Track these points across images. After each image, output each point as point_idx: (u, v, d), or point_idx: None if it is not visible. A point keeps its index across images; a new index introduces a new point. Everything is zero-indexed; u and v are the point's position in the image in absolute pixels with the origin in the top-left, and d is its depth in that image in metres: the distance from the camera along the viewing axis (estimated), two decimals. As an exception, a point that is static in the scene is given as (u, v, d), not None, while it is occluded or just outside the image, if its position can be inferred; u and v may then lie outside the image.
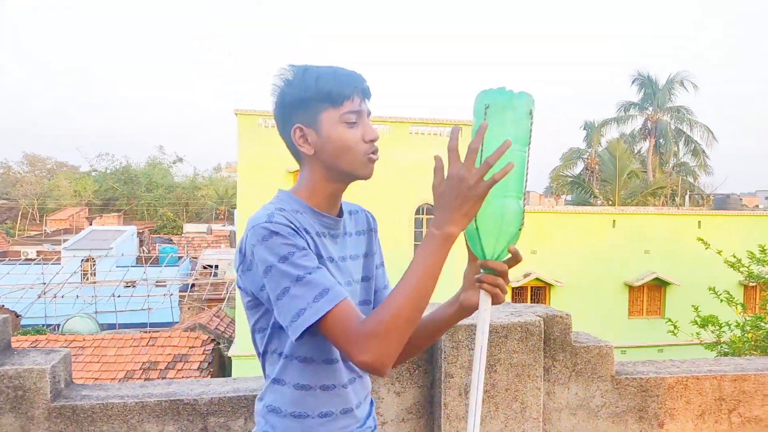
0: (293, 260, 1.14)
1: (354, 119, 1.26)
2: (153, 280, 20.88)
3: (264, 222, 1.17)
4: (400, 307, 1.11)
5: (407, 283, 1.13)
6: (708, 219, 19.83)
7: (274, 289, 1.15)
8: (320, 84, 1.24)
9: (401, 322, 1.11)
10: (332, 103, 1.25)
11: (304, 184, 1.31)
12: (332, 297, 1.13)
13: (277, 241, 1.15)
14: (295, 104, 1.26)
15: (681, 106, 35.50)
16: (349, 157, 1.26)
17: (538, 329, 2.24)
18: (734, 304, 7.52)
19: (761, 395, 2.50)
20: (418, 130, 17.73)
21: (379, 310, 1.12)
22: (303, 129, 1.27)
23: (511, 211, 1.18)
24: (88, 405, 2.02)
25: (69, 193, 45.79)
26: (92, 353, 13.36)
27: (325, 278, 1.15)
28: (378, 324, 1.10)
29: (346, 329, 1.11)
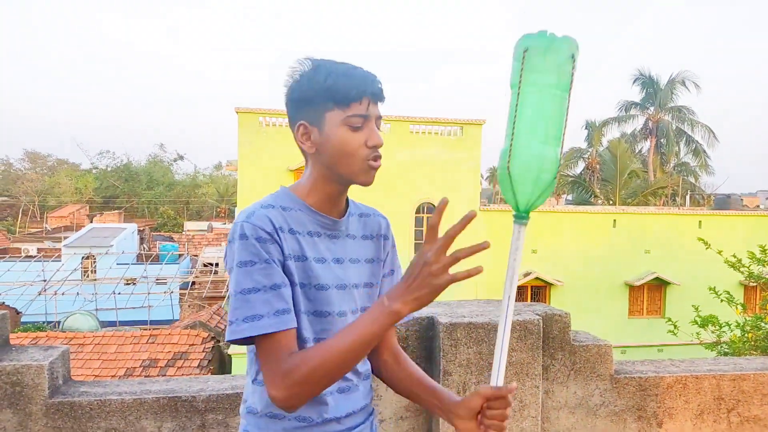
0: (249, 270, 1.14)
1: (359, 123, 1.22)
2: (153, 278, 20.88)
3: (242, 220, 1.18)
4: (326, 362, 1.10)
5: (341, 341, 1.12)
6: (709, 219, 19.81)
7: (230, 287, 1.17)
8: (328, 82, 1.21)
9: (320, 375, 1.11)
10: (338, 104, 1.21)
11: (305, 182, 1.30)
12: (263, 325, 1.13)
13: (243, 244, 1.16)
14: (302, 101, 1.24)
15: (682, 106, 35.47)
16: (348, 161, 1.23)
17: (537, 328, 2.24)
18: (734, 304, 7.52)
19: (760, 395, 2.50)
20: (418, 128, 17.72)
21: (305, 356, 1.12)
22: (307, 126, 1.25)
23: (548, 158, 1.12)
24: (86, 402, 2.02)
25: (70, 191, 45.79)
26: (92, 350, 13.36)
27: (272, 302, 1.14)
28: (298, 368, 1.11)
29: (268, 361, 1.13)
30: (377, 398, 2.23)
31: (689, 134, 35.31)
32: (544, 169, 1.12)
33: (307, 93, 1.23)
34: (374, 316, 1.11)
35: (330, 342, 1.13)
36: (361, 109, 1.22)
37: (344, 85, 1.21)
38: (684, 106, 35.54)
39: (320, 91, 1.21)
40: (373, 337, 1.10)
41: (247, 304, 1.13)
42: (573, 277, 18.75)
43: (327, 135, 1.23)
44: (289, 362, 1.12)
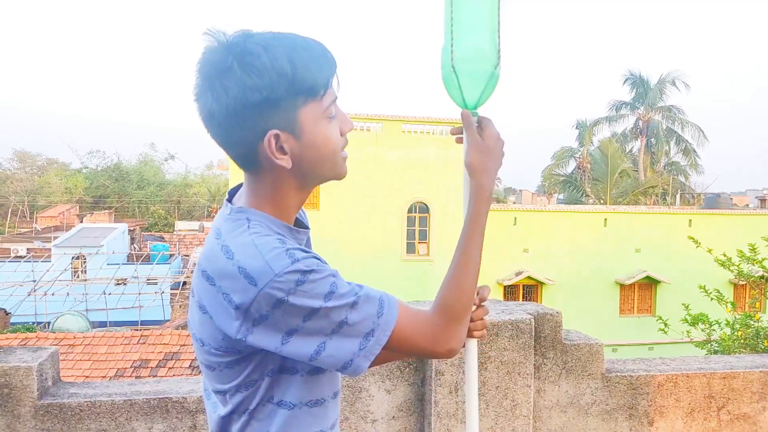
0: (338, 291, 0.95)
1: (335, 111, 1.03)
2: (144, 278, 20.78)
3: (289, 264, 0.92)
4: (473, 282, 1.08)
5: (473, 258, 1.10)
6: (699, 218, 19.97)
7: (326, 328, 0.95)
8: (298, 72, 0.95)
9: (473, 298, 1.09)
10: (313, 96, 0.98)
11: (269, 198, 1.05)
12: (390, 304, 1.00)
13: (314, 279, 0.93)
14: (266, 103, 0.95)
15: (672, 106, 35.72)
16: (331, 160, 1.04)
17: (528, 327, 2.24)
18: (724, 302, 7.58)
19: (750, 393, 2.51)
20: (410, 128, 17.74)
21: (452, 290, 1.06)
22: (280, 136, 0.97)
23: (488, 50, 1.15)
24: (76, 403, 2.00)
25: (60, 191, 45.48)
26: (83, 351, 13.27)
27: (369, 288, 1.00)
28: (456, 306, 1.05)
29: (421, 327, 1.02)
30: (369, 398, 2.23)
31: (679, 134, 35.57)
32: (486, 61, 1.15)
33: (273, 90, 0.94)
34: (486, 212, 1.16)
35: (463, 261, 1.09)
36: (333, 93, 1.02)
37: (313, 70, 0.96)
38: (674, 105, 35.80)
39: (288, 85, 0.94)
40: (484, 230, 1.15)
41: (365, 304, 0.97)
42: (564, 275, 18.84)
43: (309, 138, 1.00)
44: (438, 310, 1.05)
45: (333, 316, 0.95)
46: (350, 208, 17.03)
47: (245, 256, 0.94)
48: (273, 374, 1.02)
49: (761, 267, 7.54)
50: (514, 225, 18.71)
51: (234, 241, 0.97)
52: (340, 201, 16.99)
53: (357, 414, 2.23)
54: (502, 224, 18.41)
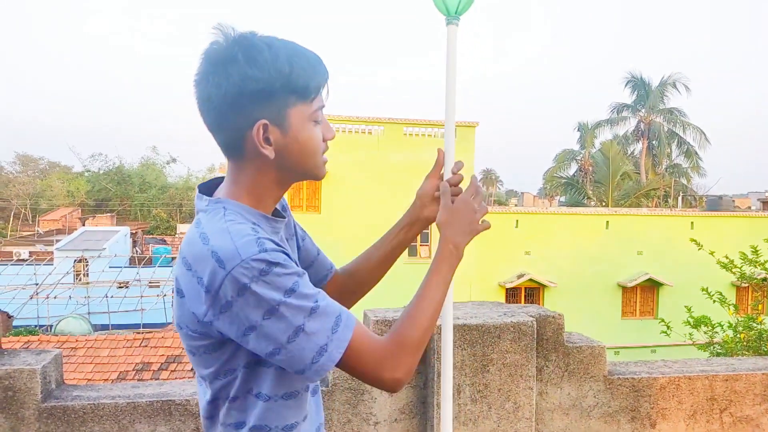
0: (300, 291, 0.99)
1: (320, 117, 1.11)
2: (146, 281, 20.81)
3: (257, 252, 0.97)
4: (429, 319, 1.11)
5: (431, 299, 1.13)
6: (701, 220, 19.94)
7: (283, 331, 0.98)
8: (295, 72, 1.03)
9: (428, 335, 1.11)
10: (302, 98, 1.05)
11: (248, 188, 1.10)
12: (347, 322, 1.02)
13: (278, 272, 0.97)
14: (261, 94, 1.02)
15: (674, 108, 35.71)
16: (312, 160, 1.11)
17: (530, 329, 2.25)
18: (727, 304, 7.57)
19: (752, 395, 2.51)
20: (412, 131, 17.75)
21: (406, 324, 1.08)
22: (268, 127, 1.05)
23: None
24: (79, 405, 2.01)
25: (62, 194, 45.57)
26: (85, 354, 13.29)
27: (332, 302, 1.03)
28: (409, 340, 1.07)
29: (372, 351, 1.04)
30: (371, 401, 2.23)
31: (681, 136, 35.55)
32: None
33: (270, 85, 1.02)
34: (449, 266, 1.19)
35: (422, 303, 1.12)
36: (321, 100, 1.10)
37: (311, 76, 1.05)
38: (675, 107, 35.80)
39: (285, 83, 1.02)
40: (450, 281, 1.19)
41: (323, 315, 1.00)
42: (566, 278, 18.81)
43: (294, 135, 1.07)
44: (394, 339, 1.06)
45: (291, 318, 0.97)
46: (352, 211, 17.04)
47: (218, 241, 0.99)
48: (249, 366, 1.06)
49: (763, 269, 7.54)
50: (516, 227, 18.70)
51: (210, 228, 1.03)
52: (341, 204, 17.01)
53: (359, 416, 2.23)
54: (503, 227, 18.41)
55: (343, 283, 1.40)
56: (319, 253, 1.38)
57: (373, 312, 2.31)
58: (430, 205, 1.36)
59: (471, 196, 1.25)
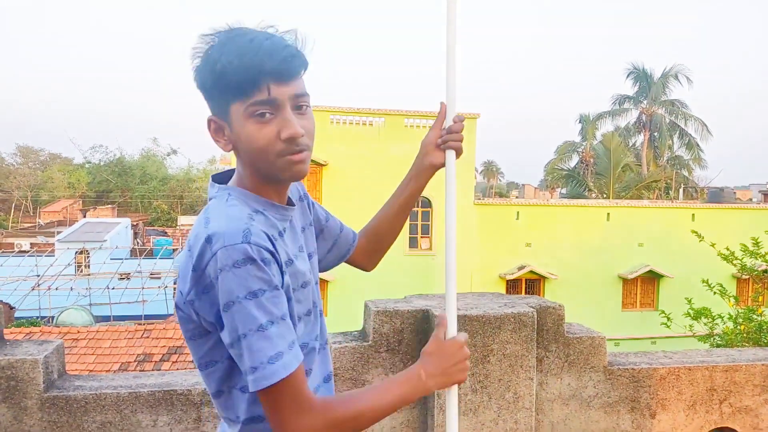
0: (261, 301, 0.97)
1: (265, 111, 1.04)
2: (147, 273, 20.85)
3: (240, 242, 0.97)
4: (362, 412, 1.05)
5: (379, 397, 1.08)
6: (702, 212, 19.92)
7: (231, 330, 0.98)
8: (219, 68, 1.02)
9: (355, 424, 1.05)
10: (237, 95, 1.03)
11: (247, 177, 1.12)
12: (288, 363, 0.99)
13: (250, 271, 0.97)
14: (204, 92, 1.07)
15: (675, 100, 35.59)
16: (264, 159, 1.06)
17: (531, 320, 2.25)
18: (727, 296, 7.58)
19: (752, 385, 2.52)
20: (413, 122, 17.71)
21: (344, 400, 1.06)
22: (217, 122, 1.08)
23: None
24: (81, 395, 2.02)
25: (62, 185, 45.56)
26: (87, 345, 13.33)
27: (285, 335, 1.00)
28: (336, 411, 1.03)
29: (295, 400, 1.00)
30: (372, 391, 2.24)
31: (682, 128, 35.45)
32: None
33: (204, 84, 1.05)
34: (412, 387, 1.12)
35: (367, 393, 1.08)
36: (261, 95, 1.03)
37: (236, 70, 1.01)
38: (677, 99, 35.67)
39: (215, 81, 1.03)
40: (403, 404, 1.12)
41: (269, 341, 0.97)
42: (567, 270, 18.82)
43: (236, 131, 1.06)
44: (323, 401, 1.04)
45: (242, 322, 0.97)
46: (352, 203, 17.03)
47: (214, 223, 1.02)
48: (231, 358, 1.05)
49: (764, 261, 7.54)
50: (517, 219, 18.70)
51: (213, 213, 1.06)
52: (342, 195, 16.99)
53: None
54: (504, 219, 18.41)
55: (366, 245, 1.45)
56: (342, 230, 1.42)
57: (374, 303, 2.31)
58: (433, 152, 1.37)
59: (462, 345, 1.20)
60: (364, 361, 2.20)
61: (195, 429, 2.08)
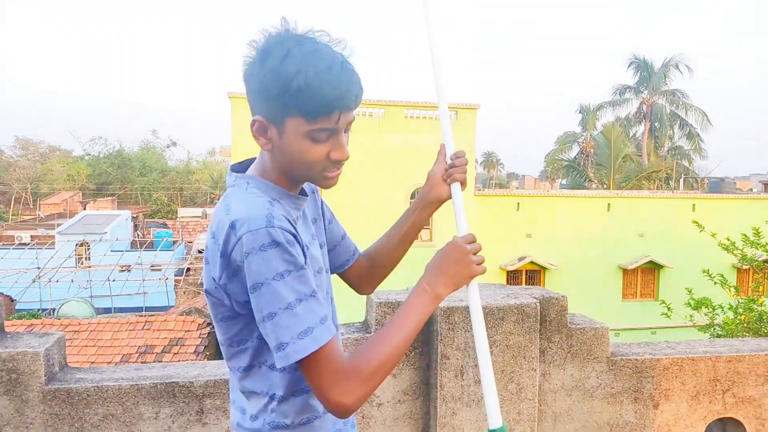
0: (289, 281, 1.03)
1: (324, 137, 1.09)
2: (148, 265, 20.84)
3: (265, 226, 1.03)
4: (389, 356, 1.09)
5: (397, 332, 1.11)
6: (702, 202, 19.90)
7: (260, 309, 1.04)
8: (296, 85, 1.03)
9: (386, 370, 1.09)
10: (303, 115, 1.06)
11: (268, 169, 1.18)
12: (318, 336, 1.04)
13: (276, 253, 1.02)
14: (261, 95, 1.08)
15: (676, 90, 35.46)
16: (304, 171, 1.14)
17: (534, 311, 2.24)
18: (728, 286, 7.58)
19: (755, 375, 2.51)
20: (413, 113, 17.65)
21: (367, 353, 1.08)
22: (264, 123, 1.10)
23: None
24: (83, 388, 2.01)
25: (62, 178, 45.48)
26: (88, 337, 13.35)
27: (316, 310, 1.05)
28: (366, 367, 1.07)
29: (331, 369, 1.05)
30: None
31: (683, 118, 35.35)
32: None
33: (270, 89, 1.06)
34: (422, 302, 1.15)
35: (386, 336, 1.10)
36: (329, 123, 1.08)
37: (314, 95, 1.04)
38: (678, 89, 35.54)
39: (284, 95, 1.04)
40: (422, 323, 1.14)
41: (296, 318, 1.03)
42: (568, 261, 18.83)
43: (286, 141, 1.10)
44: (351, 364, 1.07)
45: (271, 302, 1.02)
46: (352, 194, 17.01)
47: (236, 210, 1.07)
48: (261, 337, 1.12)
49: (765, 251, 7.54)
50: (517, 210, 18.68)
51: (233, 200, 1.12)
52: (341, 186, 16.96)
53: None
54: (505, 209, 18.39)
55: (366, 268, 1.47)
56: (343, 238, 1.44)
57: (376, 294, 2.30)
58: (440, 185, 1.39)
59: (458, 242, 1.20)
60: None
61: (197, 421, 2.08)
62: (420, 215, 1.42)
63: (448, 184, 1.38)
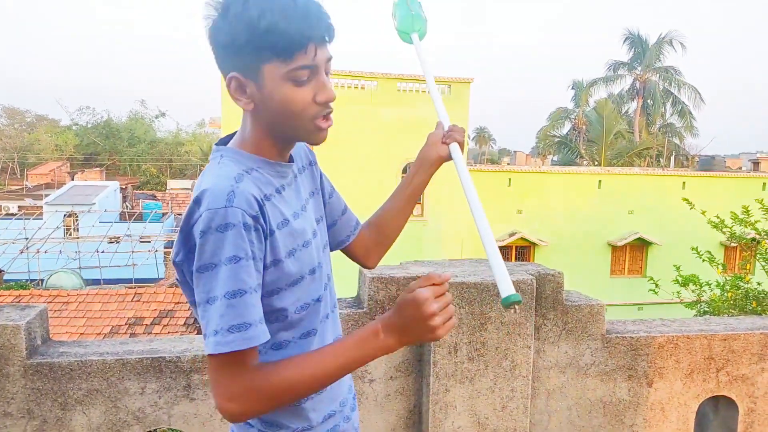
0: (236, 268, 0.96)
1: (305, 76, 1.02)
2: (137, 237, 20.71)
3: (223, 205, 0.96)
4: (301, 384, 1.01)
5: (323, 365, 1.02)
6: (692, 180, 19.97)
7: (201, 291, 0.98)
8: (263, 25, 0.97)
9: (291, 396, 1.02)
10: (278, 56, 0.99)
11: (250, 138, 1.10)
12: (252, 337, 0.98)
13: (228, 236, 0.96)
14: (231, 48, 1.01)
15: (670, 67, 35.34)
16: (293, 123, 1.06)
17: (530, 288, 2.20)
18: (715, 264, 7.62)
19: (749, 354, 2.49)
20: (406, 86, 17.46)
21: (276, 372, 1.00)
22: (240, 80, 1.03)
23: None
24: (66, 362, 1.95)
25: (50, 148, 44.88)
26: (77, 308, 13.29)
27: (254, 308, 0.99)
28: (265, 389, 0.99)
29: (232, 374, 0.99)
30: (367, 358, 2.19)
31: (676, 95, 35.29)
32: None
33: (238, 38, 0.99)
34: (365, 347, 1.04)
35: (310, 361, 1.02)
36: (306, 59, 1.01)
37: (285, 31, 0.97)
38: (671, 66, 35.40)
39: (254, 38, 0.98)
40: (357, 365, 1.04)
41: (234, 309, 0.96)
42: (558, 237, 18.90)
43: (267, 92, 1.03)
44: (258, 377, 1.00)
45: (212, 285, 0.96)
46: (344, 167, 16.90)
47: (204, 185, 1.01)
48: None
49: (754, 229, 7.56)
50: (509, 186, 18.66)
51: (205, 174, 1.06)
52: (332, 159, 16.82)
53: (354, 374, 2.19)
54: (496, 185, 18.35)
55: (371, 238, 1.42)
56: (344, 213, 1.38)
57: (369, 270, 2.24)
58: (439, 145, 1.39)
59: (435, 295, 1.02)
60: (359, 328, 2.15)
61: (185, 396, 2.03)
62: (422, 175, 1.40)
63: (447, 145, 1.38)
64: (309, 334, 1.15)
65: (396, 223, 1.42)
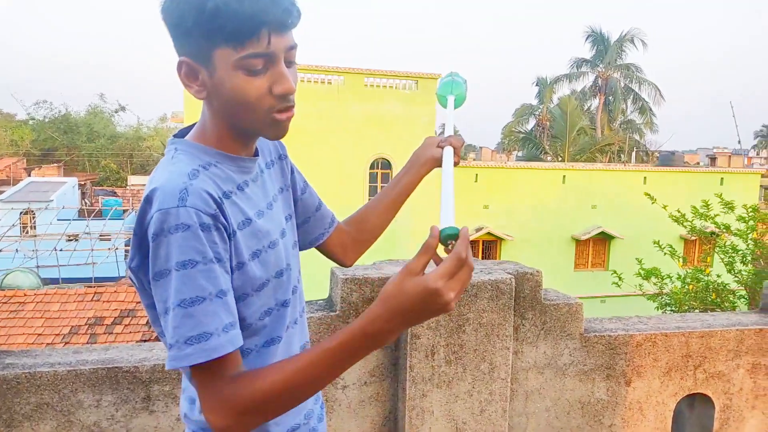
0: (191, 273, 0.87)
1: (259, 65, 0.92)
2: (97, 234, 20.11)
3: (175, 205, 0.87)
4: (290, 392, 0.89)
5: (310, 372, 0.89)
6: (653, 175, 20.39)
7: (159, 300, 0.90)
8: (211, 10, 0.87)
9: (279, 406, 0.91)
10: (228, 42, 0.90)
11: (209, 130, 1.01)
12: (215, 347, 0.88)
13: (182, 239, 0.87)
14: (180, 30, 0.92)
15: (631, 64, 35.97)
16: (247, 115, 0.95)
17: (509, 287, 2.12)
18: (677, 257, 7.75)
19: (725, 351, 2.48)
20: (373, 82, 17.33)
21: (264, 381, 0.89)
22: (191, 65, 0.94)
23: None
24: (12, 375, 1.79)
25: (5, 143, 43.27)
26: (34, 309, 12.82)
27: (215, 316, 0.88)
28: (250, 400, 0.89)
29: (211, 384, 0.90)
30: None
31: (637, 92, 35.96)
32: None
33: (185, 20, 0.90)
34: (354, 348, 0.88)
35: (299, 366, 0.89)
36: (260, 46, 0.91)
37: (234, 14, 0.87)
38: (632, 63, 36.06)
39: (202, 21, 0.88)
40: (347, 366, 0.90)
41: (191, 319, 0.87)
42: (523, 231, 19.08)
43: (218, 79, 0.93)
44: (238, 387, 0.90)
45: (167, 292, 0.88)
46: (310, 163, 16.70)
47: (155, 183, 0.92)
48: None
49: (713, 223, 7.71)
50: (476, 182, 18.73)
51: (157, 171, 0.97)
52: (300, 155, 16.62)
53: (326, 380, 2.08)
54: (463, 181, 18.41)
55: (350, 234, 1.34)
56: (318, 209, 1.28)
57: (341, 270, 2.14)
58: (434, 147, 1.35)
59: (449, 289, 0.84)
60: (331, 332, 2.04)
61: (144, 409, 1.89)
62: (410, 176, 1.34)
63: (441, 148, 1.33)
64: (273, 341, 1.06)
65: (377, 222, 1.35)
